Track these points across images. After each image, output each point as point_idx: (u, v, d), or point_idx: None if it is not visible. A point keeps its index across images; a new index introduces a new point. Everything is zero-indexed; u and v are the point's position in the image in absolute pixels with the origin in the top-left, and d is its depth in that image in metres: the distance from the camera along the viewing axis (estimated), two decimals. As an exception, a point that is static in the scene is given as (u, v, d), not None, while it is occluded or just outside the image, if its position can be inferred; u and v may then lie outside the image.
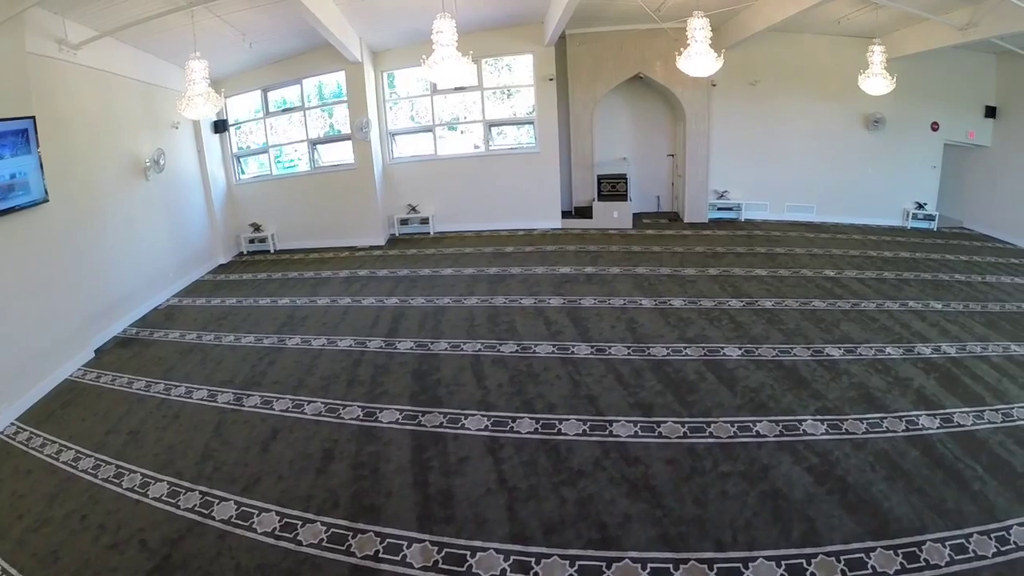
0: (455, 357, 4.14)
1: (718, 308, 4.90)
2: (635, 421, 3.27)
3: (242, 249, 7.62)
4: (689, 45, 5.10)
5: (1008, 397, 3.62)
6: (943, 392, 3.61)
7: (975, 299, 5.30)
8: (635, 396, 3.55)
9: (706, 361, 3.98)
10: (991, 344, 4.36)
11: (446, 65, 4.13)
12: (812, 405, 3.42)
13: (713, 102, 7.67)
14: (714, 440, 3.10)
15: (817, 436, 3.13)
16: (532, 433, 3.15)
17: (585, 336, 4.40)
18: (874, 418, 3.31)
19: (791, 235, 7.29)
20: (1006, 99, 7.66)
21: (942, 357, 4.11)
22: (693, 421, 3.27)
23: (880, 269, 6.03)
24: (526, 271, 6.02)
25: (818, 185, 7.99)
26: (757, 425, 3.24)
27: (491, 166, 7.60)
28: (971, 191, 8.41)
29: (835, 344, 4.23)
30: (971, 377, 3.84)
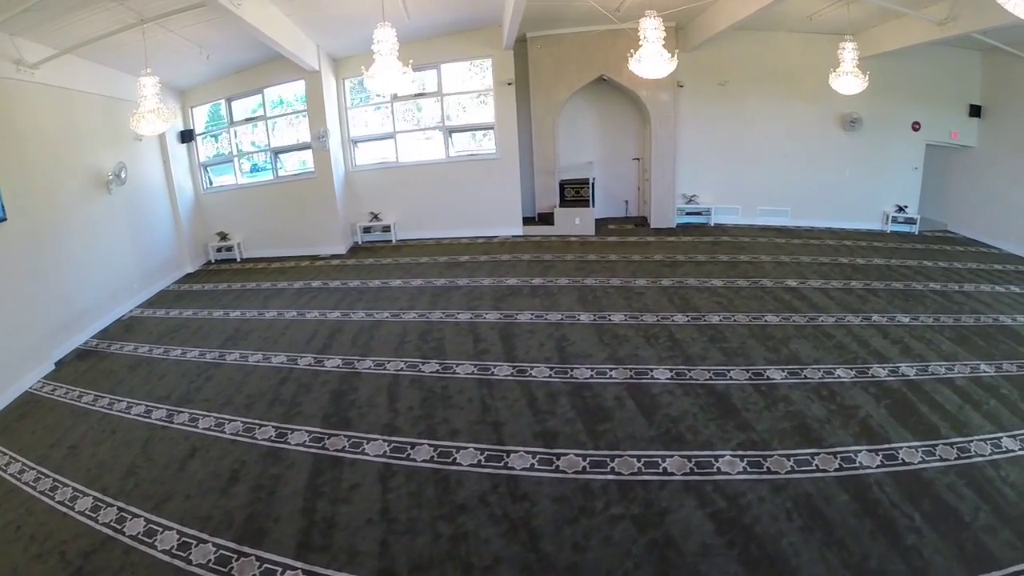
0: (376, 377, 3.86)
1: (659, 324, 4.45)
2: (534, 452, 2.94)
3: (210, 258, 7.40)
4: (641, 46, 4.69)
5: (968, 428, 3.14)
6: (892, 423, 3.14)
7: (948, 311, 4.76)
8: (543, 424, 3.18)
9: (630, 385, 3.57)
10: (958, 364, 3.85)
11: (386, 75, 3.95)
12: (735, 438, 2.99)
13: (681, 104, 7.17)
14: (614, 477, 2.72)
15: (732, 476, 2.72)
16: (427, 461, 2.92)
17: (510, 355, 4.02)
18: (804, 454, 2.86)
19: (760, 241, 6.76)
20: (992, 97, 7.01)
21: (899, 380, 3.62)
22: (596, 454, 2.89)
23: (848, 278, 5.50)
24: (473, 283, 5.64)
25: (792, 188, 7.42)
26: (667, 461, 2.83)
27: (452, 173, 7.23)
28: (955, 193, 7.75)
29: (779, 365, 3.76)
30: (928, 404, 3.35)
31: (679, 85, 7.04)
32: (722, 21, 5.88)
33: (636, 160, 7.51)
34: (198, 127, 7.27)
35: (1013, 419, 3.24)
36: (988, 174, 7.15)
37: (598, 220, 7.79)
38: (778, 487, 2.63)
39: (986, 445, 2.99)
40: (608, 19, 6.05)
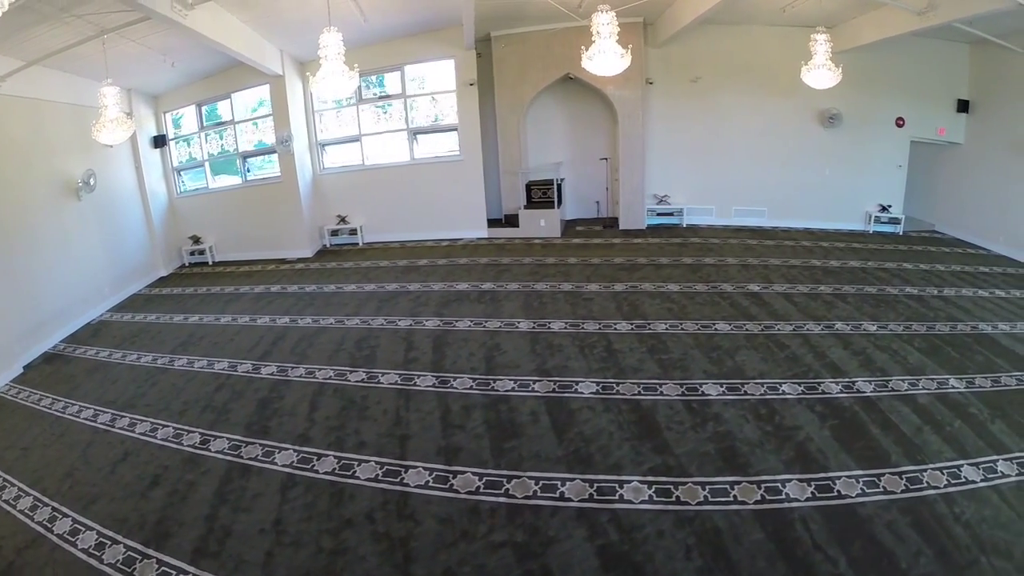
0: (304, 385, 3.65)
1: (599, 333, 4.09)
2: (432, 469, 2.71)
3: (184, 261, 7.28)
4: (594, 42, 4.34)
5: (924, 454, 2.73)
6: (834, 447, 2.75)
7: (922, 318, 4.29)
8: (449, 439, 2.91)
9: (551, 399, 3.24)
10: (924, 378, 3.40)
11: (331, 80, 3.90)
12: (649, 462, 2.63)
13: (651, 101, 6.73)
14: (506, 500, 2.43)
15: (634, 505, 2.37)
16: (328, 473, 2.77)
17: (437, 365, 3.74)
18: (722, 483, 2.49)
19: (731, 242, 6.30)
20: (980, 92, 6.42)
21: (852, 397, 3.20)
22: (494, 474, 2.61)
23: (817, 282, 5.03)
24: (424, 288, 5.33)
25: (769, 188, 6.92)
26: (566, 485, 2.51)
27: (416, 175, 6.92)
28: (943, 192, 7.15)
29: (718, 380, 3.37)
30: (881, 425, 2.94)
31: (648, 82, 6.62)
32: (687, 15, 5.47)
33: (604, 160, 7.09)
34: (171, 132, 7.16)
35: (978, 444, 2.82)
36: (977, 172, 6.55)
37: (569, 221, 7.45)
38: (684, 520, 2.28)
39: (942, 475, 2.58)
40: (573, 16, 5.71)
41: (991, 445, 2.81)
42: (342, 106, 6.88)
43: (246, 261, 7.09)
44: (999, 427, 2.98)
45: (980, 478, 2.58)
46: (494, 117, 6.83)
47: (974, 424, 2.97)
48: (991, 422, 3.03)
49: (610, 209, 7.35)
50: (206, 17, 4.64)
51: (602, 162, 7.06)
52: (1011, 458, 2.73)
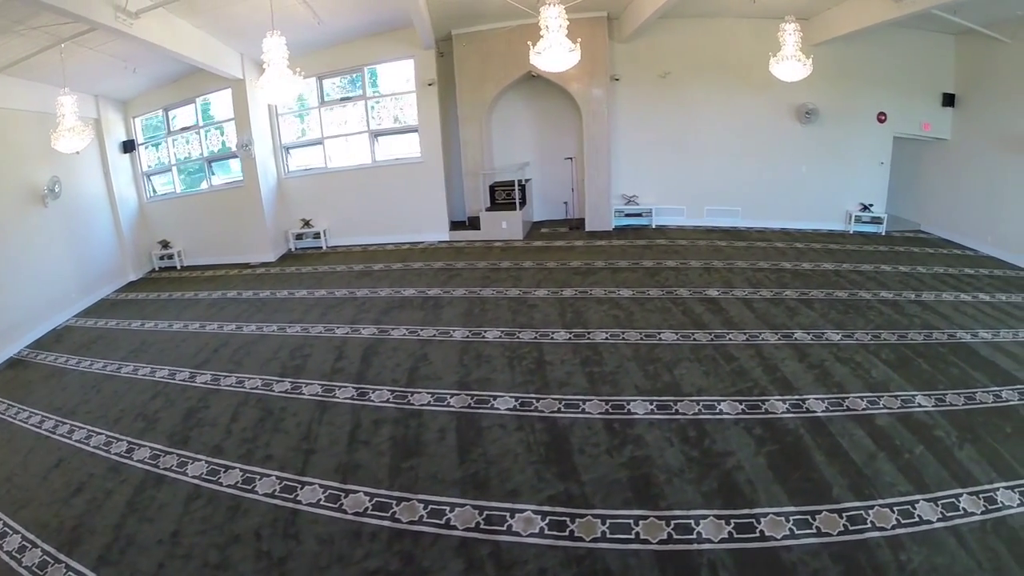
0: (231, 394, 3.46)
1: (534, 343, 3.71)
2: (327, 487, 2.47)
3: (154, 266, 7.11)
4: (542, 37, 4.00)
5: (873, 487, 2.30)
6: (767, 478, 2.34)
7: (894, 326, 3.83)
8: (352, 455, 2.68)
9: (464, 415, 2.92)
10: (886, 396, 2.98)
11: (275, 84, 3.79)
12: (549, 489, 2.29)
13: (618, 98, 6.30)
14: (390, 524, 2.20)
15: (522, 537, 2.05)
16: (231, 487, 2.59)
17: (361, 376, 3.43)
18: (627, 517, 2.14)
19: (700, 244, 5.84)
20: (966, 85, 5.88)
21: (800, 417, 2.78)
22: (385, 495, 2.37)
23: (784, 286, 4.57)
24: (371, 293, 5.00)
25: (743, 186, 6.44)
26: (456, 511, 2.20)
27: (378, 178, 6.57)
28: (929, 190, 6.60)
29: (650, 396, 2.97)
30: (829, 451, 2.52)
31: (614, 78, 6.21)
32: (648, 7, 5.06)
33: (569, 159, 6.65)
34: (140, 137, 6.99)
35: (940, 474, 2.39)
36: (963, 169, 6.01)
37: (536, 223, 7.07)
38: (573, 559, 1.94)
39: (891, 513, 2.16)
40: (531, 12, 5.37)
41: (956, 476, 2.38)
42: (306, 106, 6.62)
43: (212, 266, 6.85)
44: (967, 453, 2.54)
45: (937, 517, 2.16)
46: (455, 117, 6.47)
47: (939, 450, 2.54)
48: (959, 447, 2.59)
49: (578, 210, 6.95)
50: (155, 24, 4.43)
51: (568, 162, 6.64)
52: (977, 492, 2.30)
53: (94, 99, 6.34)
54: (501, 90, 6.22)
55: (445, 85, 6.42)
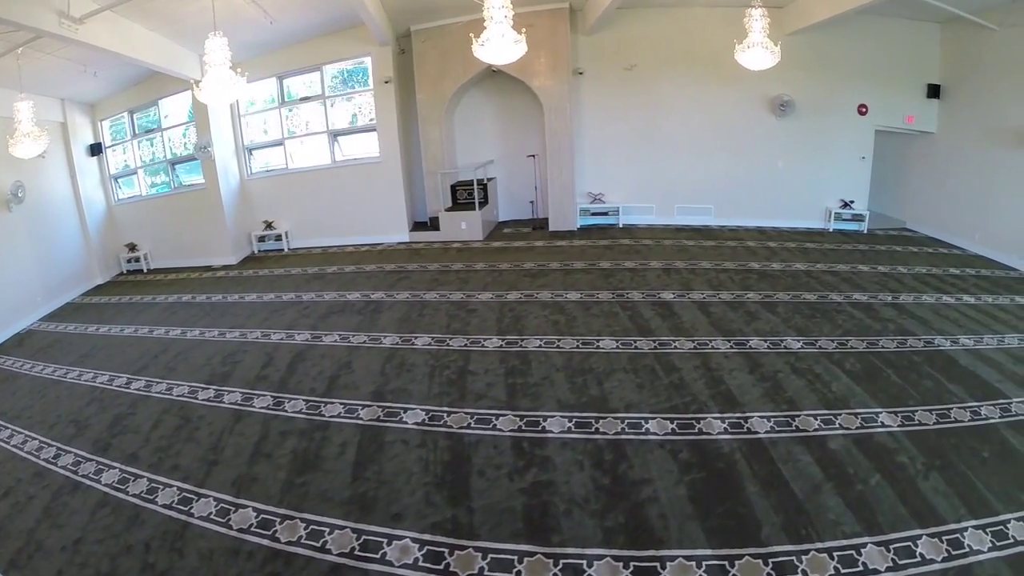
0: (159, 401, 3.29)
1: (462, 350, 3.35)
2: (221, 500, 2.28)
3: (122, 269, 6.87)
4: (485, 27, 3.68)
5: (812, 528, 1.89)
6: (685, 513, 1.95)
7: (865, 332, 3.39)
8: (251, 468, 2.47)
9: (370, 429, 2.68)
10: (845, 413, 2.54)
11: (217, 87, 3.68)
12: (437, 515, 2.00)
13: (582, 93, 5.88)
14: (269, 543, 1.99)
15: (395, 568, 1.78)
16: (135, 495, 2.41)
17: (283, 385, 3.18)
18: (511, 553, 1.83)
19: (665, 244, 5.39)
20: (953, 76, 5.38)
21: (739, 439, 2.37)
22: (273, 512, 2.16)
23: (747, 288, 4.13)
24: (317, 297, 4.68)
25: (716, 183, 5.98)
26: (335, 533, 1.96)
27: (338, 178, 6.25)
28: (915, 186, 6.08)
29: (570, 412, 2.60)
30: (766, 481, 2.11)
31: (578, 72, 5.80)
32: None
33: (532, 157, 6.24)
34: (107, 139, 6.79)
35: (897, 511, 1.96)
36: (950, 163, 5.49)
37: (501, 223, 6.68)
38: None
39: (829, 560, 1.75)
40: None
41: (916, 513, 1.96)
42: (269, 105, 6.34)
43: (177, 268, 6.59)
44: (933, 484, 2.11)
45: (886, 565, 1.74)
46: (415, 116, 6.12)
47: (899, 480, 2.11)
48: (924, 476, 2.16)
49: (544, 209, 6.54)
50: (104, 28, 4.21)
51: (531, 159, 6.23)
52: (940, 533, 1.87)
53: (60, 103, 6.11)
54: (460, 87, 5.85)
55: (406, 83, 6.10)
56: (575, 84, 5.81)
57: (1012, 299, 4.13)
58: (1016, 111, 4.66)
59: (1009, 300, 4.10)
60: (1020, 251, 4.81)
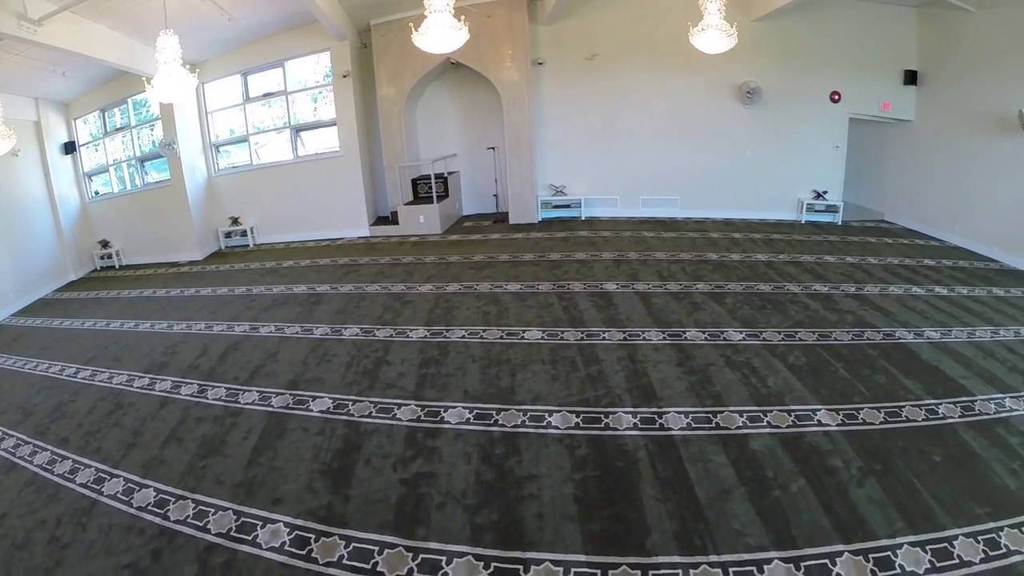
0: (99, 389, 3.15)
1: (386, 340, 3.15)
2: (130, 480, 2.22)
3: (96, 265, 6.82)
4: (425, 16, 3.46)
5: (708, 539, 1.60)
6: (563, 515, 1.69)
7: (818, 323, 3.04)
8: (163, 451, 2.38)
9: (277, 416, 2.54)
10: (777, 410, 2.22)
11: (168, 84, 3.63)
12: (314, 503, 1.95)
13: (542, 83, 5.58)
14: (160, 521, 1.93)
15: (260, 551, 1.74)
16: (60, 476, 2.36)
17: (211, 374, 3.10)
18: (372, 544, 1.73)
19: (624, 235, 5.06)
20: (930, 61, 4.98)
21: (648, 436, 2.07)
22: (171, 492, 2.10)
23: (698, 279, 3.79)
24: (266, 290, 4.49)
25: (681, 174, 5.63)
26: (218, 514, 1.92)
27: (300, 173, 6.03)
28: (893, 176, 5.65)
29: (473, 403, 2.37)
30: (666, 483, 1.81)
31: (538, 63, 5.51)
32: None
33: (491, 149, 5.98)
34: (81, 138, 6.74)
35: (819, 522, 1.66)
36: (929, 152, 5.08)
37: (465, 217, 6.40)
38: None
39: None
40: None
41: (840, 525, 1.64)
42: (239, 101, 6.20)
43: (147, 264, 6.47)
44: (868, 492, 1.78)
45: None
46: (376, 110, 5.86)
47: (827, 487, 1.80)
48: (858, 483, 1.83)
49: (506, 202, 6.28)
50: (63, 29, 4.09)
51: (491, 152, 5.96)
52: (866, 550, 1.56)
53: (34, 102, 6.04)
54: (420, 80, 5.61)
55: (369, 77, 5.88)
56: (535, 75, 5.54)
57: (989, 291, 3.74)
58: (996, 97, 4.26)
59: (986, 292, 3.71)
60: (1001, 243, 4.40)
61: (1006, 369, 2.61)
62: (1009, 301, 3.52)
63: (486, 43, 5.38)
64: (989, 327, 3.09)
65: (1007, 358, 2.72)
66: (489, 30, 5.35)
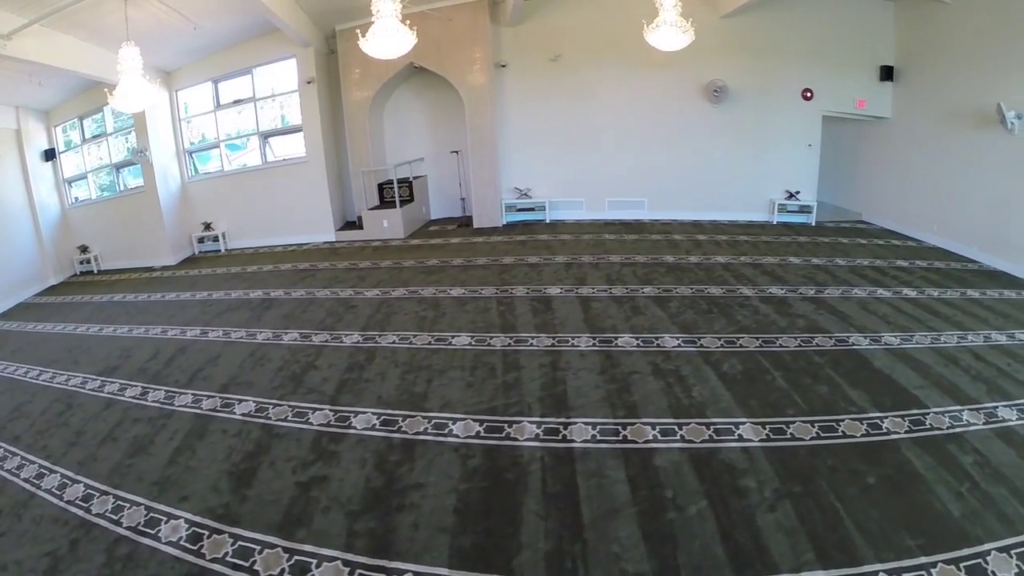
0: (55, 390, 3.18)
1: (320, 345, 3.14)
2: (51, 470, 2.28)
3: (76, 270, 6.87)
4: (373, 22, 3.39)
5: (581, 564, 1.49)
6: (446, 525, 1.60)
7: (765, 329, 2.88)
8: (98, 451, 2.38)
9: (205, 418, 2.53)
10: (695, 423, 2.11)
11: (129, 93, 3.72)
12: (215, 501, 1.94)
13: (505, 86, 5.50)
14: (83, 515, 1.95)
15: (161, 545, 1.75)
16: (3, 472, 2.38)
17: (156, 377, 3.06)
18: (254, 543, 1.67)
19: (584, 239, 4.93)
20: (907, 56, 4.80)
21: (548, 447, 1.97)
22: (93, 487, 2.13)
23: (647, 283, 3.64)
24: (225, 296, 4.47)
25: (649, 176, 5.48)
26: (129, 510, 1.96)
27: (269, 179, 6.02)
28: (870, 176, 5.43)
29: (385, 410, 2.32)
30: (551, 501, 1.70)
31: (500, 65, 5.44)
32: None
33: (455, 153, 5.86)
34: (61, 145, 6.79)
35: (711, 551, 1.52)
36: (906, 150, 4.87)
37: (433, 221, 6.34)
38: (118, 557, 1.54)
39: None
40: (418, 1, 4.77)
41: (736, 555, 1.49)
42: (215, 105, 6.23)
43: (124, 269, 6.55)
44: (779, 518, 1.62)
45: None
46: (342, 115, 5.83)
47: (732, 510, 1.65)
48: (769, 507, 1.67)
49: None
50: (34, 43, 4.17)
51: (454, 156, 5.84)
52: None
53: (15, 110, 6.16)
54: (384, 85, 5.58)
55: (336, 82, 5.87)
56: (498, 77, 5.47)
57: (963, 292, 3.51)
58: (974, 90, 4.06)
59: (959, 294, 3.48)
60: (980, 242, 4.16)
61: (969, 378, 2.41)
62: (983, 304, 3.29)
63: (448, 46, 5.33)
64: (956, 331, 2.88)
65: (972, 366, 2.51)
66: (451, 33, 5.30)
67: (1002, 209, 3.97)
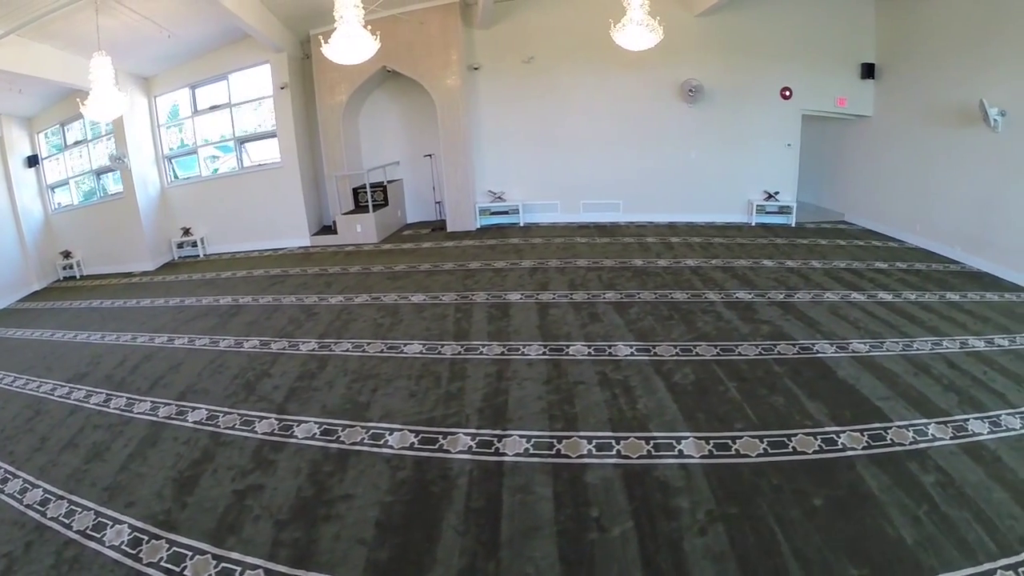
0: (26, 397, 3.17)
1: (276, 353, 3.09)
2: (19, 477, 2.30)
3: (59, 275, 6.90)
4: (336, 27, 3.34)
5: None
6: (366, 538, 1.57)
7: (726, 336, 2.80)
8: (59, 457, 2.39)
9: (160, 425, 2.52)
10: (633, 437, 2.04)
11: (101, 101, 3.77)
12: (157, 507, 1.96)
13: (479, 88, 5.45)
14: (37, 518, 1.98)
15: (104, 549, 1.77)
16: None
17: (120, 385, 3.03)
18: (188, 549, 1.66)
19: (555, 242, 4.85)
20: (889, 53, 4.69)
21: (476, 461, 1.91)
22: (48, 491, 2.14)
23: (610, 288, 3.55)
24: (196, 302, 4.44)
25: (624, 178, 5.40)
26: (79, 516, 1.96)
27: (245, 184, 6.01)
28: (853, 175, 5.33)
29: (327, 419, 2.27)
30: (471, 516, 1.65)
31: (473, 68, 5.39)
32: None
33: (428, 157, 5.83)
34: (44, 151, 6.82)
35: None
36: (888, 149, 4.78)
37: (409, 224, 6.30)
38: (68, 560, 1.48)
39: None
40: (388, 4, 4.72)
41: None
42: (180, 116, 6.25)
43: (104, 275, 6.57)
44: (708, 543, 1.52)
45: None
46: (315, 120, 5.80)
47: (657, 534, 1.55)
48: (699, 530, 1.57)
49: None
50: (10, 52, 4.21)
51: (428, 159, 5.81)
52: None
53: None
54: (357, 89, 5.55)
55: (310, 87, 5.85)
56: (471, 80, 5.43)
57: (942, 296, 3.39)
58: (957, 87, 3.96)
59: (938, 297, 3.36)
60: (963, 242, 4.03)
61: (940, 388, 2.27)
62: (962, 307, 3.16)
63: (420, 49, 5.29)
64: (931, 337, 2.76)
65: (944, 374, 2.38)
66: (423, 36, 5.25)
67: (985, 209, 3.86)
